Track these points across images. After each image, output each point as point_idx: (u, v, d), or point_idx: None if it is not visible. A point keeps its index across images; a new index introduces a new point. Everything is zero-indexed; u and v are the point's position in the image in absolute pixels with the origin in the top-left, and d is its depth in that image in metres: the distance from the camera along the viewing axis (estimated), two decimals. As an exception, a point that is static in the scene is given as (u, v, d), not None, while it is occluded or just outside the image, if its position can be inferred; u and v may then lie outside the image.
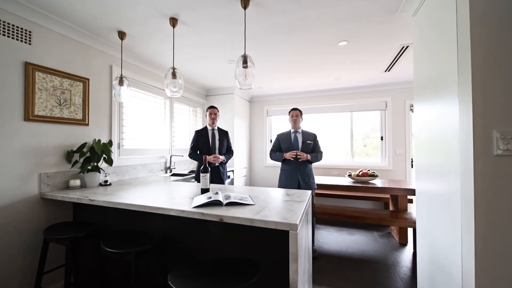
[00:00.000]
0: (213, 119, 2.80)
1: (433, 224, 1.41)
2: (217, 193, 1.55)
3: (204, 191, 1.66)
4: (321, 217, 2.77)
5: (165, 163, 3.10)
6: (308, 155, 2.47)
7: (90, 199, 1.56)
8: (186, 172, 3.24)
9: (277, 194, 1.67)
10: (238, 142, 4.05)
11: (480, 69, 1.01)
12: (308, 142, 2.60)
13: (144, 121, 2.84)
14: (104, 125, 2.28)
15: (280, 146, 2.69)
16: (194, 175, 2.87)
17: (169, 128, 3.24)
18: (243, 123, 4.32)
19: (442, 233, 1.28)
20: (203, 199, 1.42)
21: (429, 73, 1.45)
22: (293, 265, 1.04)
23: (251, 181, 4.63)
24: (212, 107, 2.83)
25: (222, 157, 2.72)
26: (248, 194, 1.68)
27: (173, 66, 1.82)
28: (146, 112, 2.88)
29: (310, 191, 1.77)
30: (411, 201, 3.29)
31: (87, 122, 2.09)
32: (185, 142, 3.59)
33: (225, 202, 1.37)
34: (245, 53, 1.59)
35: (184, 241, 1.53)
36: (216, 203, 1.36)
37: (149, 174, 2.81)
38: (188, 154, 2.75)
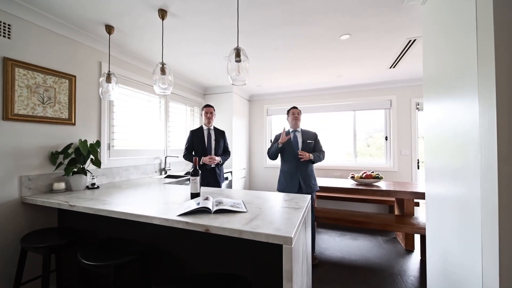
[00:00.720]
0: (209, 119, 2.68)
1: (445, 233, 1.27)
2: (207, 198, 1.42)
3: (194, 195, 1.54)
4: (323, 221, 2.63)
5: (160, 164, 2.99)
6: (311, 155, 2.33)
7: (70, 205, 1.44)
8: (182, 173, 3.13)
9: (274, 199, 1.53)
10: (237, 143, 3.92)
11: (504, 59, 0.87)
12: (308, 141, 2.46)
13: (138, 121, 2.72)
14: (93, 124, 2.16)
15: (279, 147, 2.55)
16: (189, 177, 2.74)
17: (164, 128, 3.13)
18: (242, 122, 4.19)
19: (457, 246, 1.14)
20: (190, 205, 1.29)
21: (441, 67, 1.30)
22: (287, 285, 0.91)
23: (250, 183, 4.50)
24: (207, 105, 2.71)
25: (218, 158, 2.60)
26: (242, 199, 1.56)
27: (162, 61, 1.70)
28: (140, 111, 2.76)
29: (309, 196, 1.63)
30: (417, 204, 3.13)
31: (73, 122, 1.98)
32: (181, 142, 3.47)
33: (214, 209, 1.24)
34: (238, 46, 1.46)
35: (171, 252, 1.41)
36: (204, 211, 1.23)
37: (142, 176, 2.69)
38: (182, 155, 2.63)
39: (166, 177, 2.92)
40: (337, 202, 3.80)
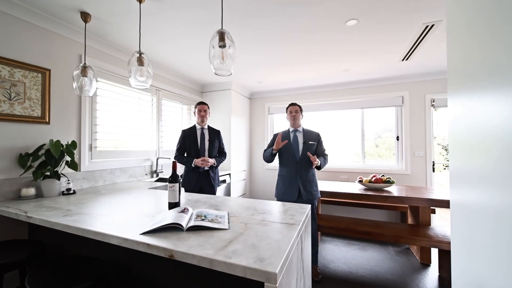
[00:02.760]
0: (203, 117, 2.46)
1: (479, 252, 0.99)
2: (185, 210, 1.19)
3: (172, 206, 1.31)
4: (326, 231, 2.36)
5: (151, 166, 2.79)
6: (317, 160, 2.06)
7: (27, 216, 1.24)
8: (175, 176, 2.91)
9: (266, 211, 1.29)
10: (235, 143, 3.69)
11: None
12: (310, 143, 2.19)
13: (126, 120, 2.53)
14: (72, 123, 1.97)
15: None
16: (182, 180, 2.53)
17: (156, 128, 2.93)
18: (242, 121, 3.95)
19: (496, 272, 0.86)
20: (162, 219, 1.06)
21: (473, 56, 1.02)
22: (271, 338, 0.66)
23: (251, 185, 4.26)
24: (201, 103, 2.49)
25: (212, 160, 2.37)
26: (230, 209, 1.32)
27: (139, 50, 1.48)
28: (129, 109, 2.57)
29: (309, 206, 1.38)
30: (433, 211, 2.82)
31: (47, 120, 1.79)
32: (176, 143, 3.26)
33: (188, 225, 1.01)
34: (222, 28, 1.22)
35: (139, 274, 1.18)
36: (176, 227, 1.00)
37: (131, 180, 2.50)
38: (173, 156, 2.42)
39: (157, 180, 2.72)
40: (343, 207, 3.51)
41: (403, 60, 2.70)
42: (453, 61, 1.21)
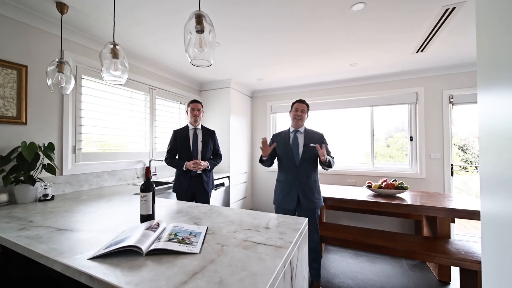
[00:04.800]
0: (196, 116, 2.28)
1: None
2: (155, 225, 1.01)
3: (145, 218, 1.13)
4: (330, 243, 2.13)
5: (144, 169, 2.64)
6: (328, 157, 1.84)
7: (-20, 228, 1.09)
8: (170, 179, 2.76)
9: (252, 226, 1.09)
10: (235, 144, 3.50)
11: None
12: (312, 145, 1.97)
13: (116, 120, 2.39)
14: (52, 124, 1.84)
15: (275, 150, 2.10)
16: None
17: (149, 128, 2.78)
18: (243, 121, 3.76)
19: None
20: (125, 237, 0.88)
21: (508, 41, 0.79)
22: None
23: (253, 189, 4.06)
24: (194, 101, 2.32)
25: (205, 163, 2.19)
26: (210, 223, 1.13)
27: (114, 41, 1.31)
28: (118, 109, 2.43)
29: (305, 220, 1.17)
30: (453, 220, 2.52)
31: (24, 121, 1.66)
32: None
33: (151, 247, 0.82)
34: (199, 9, 1.03)
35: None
36: (134, 250, 0.82)
37: (120, 183, 2.35)
38: (164, 159, 2.25)
39: (149, 183, 2.56)
40: (350, 213, 3.25)
41: (417, 51, 2.42)
42: (485, 47, 0.96)
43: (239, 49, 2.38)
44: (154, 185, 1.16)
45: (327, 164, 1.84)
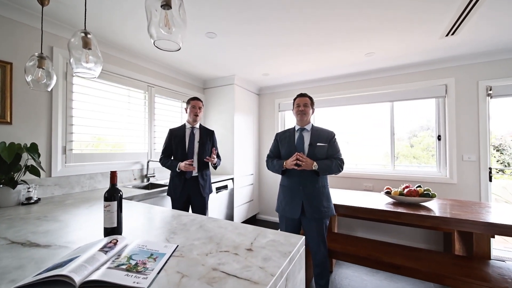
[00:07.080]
0: (196, 114, 2.13)
1: None
2: (111, 242, 0.83)
3: (108, 232, 0.96)
4: (341, 259, 1.85)
5: (142, 170, 2.53)
6: (314, 163, 1.60)
7: None
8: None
9: (232, 247, 0.87)
10: (240, 144, 3.31)
11: None
12: (319, 144, 1.71)
13: (111, 119, 2.30)
14: (40, 124, 1.76)
15: (280, 150, 1.87)
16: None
17: (148, 128, 2.67)
18: (249, 120, 3.56)
19: None
20: (68, 260, 0.71)
21: None
22: None
23: (260, 191, 3.84)
24: (195, 98, 2.17)
25: (213, 159, 2.04)
26: (184, 240, 0.93)
27: (85, 29, 1.17)
28: (115, 107, 2.33)
29: (301, 240, 0.94)
30: (493, 235, 2.12)
31: (8, 120, 1.59)
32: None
33: (88, 277, 0.64)
34: (163, -20, 0.84)
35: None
36: (64, 281, 0.64)
37: (115, 185, 2.25)
38: (159, 159, 2.11)
39: (144, 187, 2.45)
40: (366, 222, 2.91)
41: (447, 35, 2.06)
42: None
43: (241, 42, 2.17)
44: (121, 192, 0.99)
45: (318, 174, 1.64)
